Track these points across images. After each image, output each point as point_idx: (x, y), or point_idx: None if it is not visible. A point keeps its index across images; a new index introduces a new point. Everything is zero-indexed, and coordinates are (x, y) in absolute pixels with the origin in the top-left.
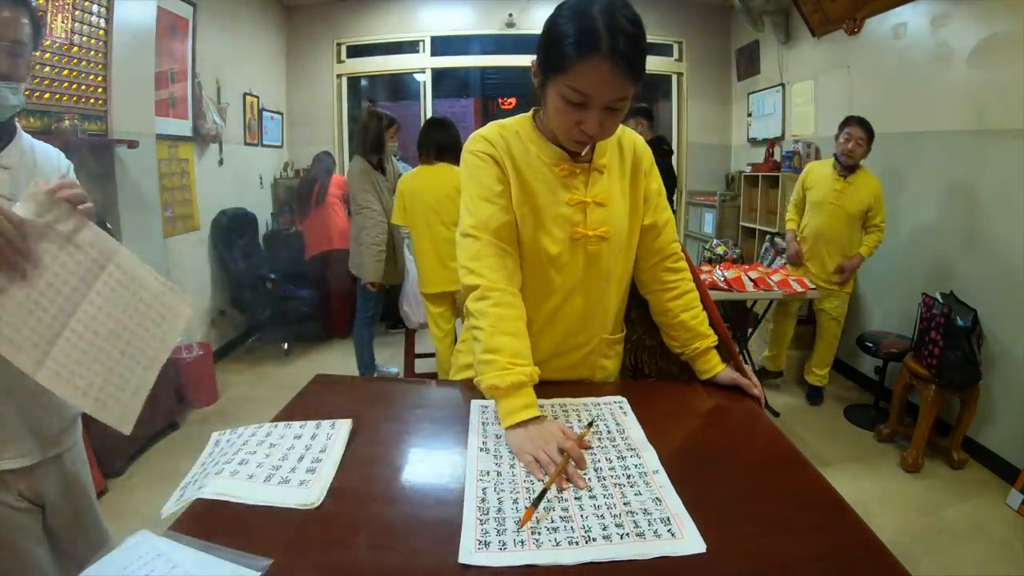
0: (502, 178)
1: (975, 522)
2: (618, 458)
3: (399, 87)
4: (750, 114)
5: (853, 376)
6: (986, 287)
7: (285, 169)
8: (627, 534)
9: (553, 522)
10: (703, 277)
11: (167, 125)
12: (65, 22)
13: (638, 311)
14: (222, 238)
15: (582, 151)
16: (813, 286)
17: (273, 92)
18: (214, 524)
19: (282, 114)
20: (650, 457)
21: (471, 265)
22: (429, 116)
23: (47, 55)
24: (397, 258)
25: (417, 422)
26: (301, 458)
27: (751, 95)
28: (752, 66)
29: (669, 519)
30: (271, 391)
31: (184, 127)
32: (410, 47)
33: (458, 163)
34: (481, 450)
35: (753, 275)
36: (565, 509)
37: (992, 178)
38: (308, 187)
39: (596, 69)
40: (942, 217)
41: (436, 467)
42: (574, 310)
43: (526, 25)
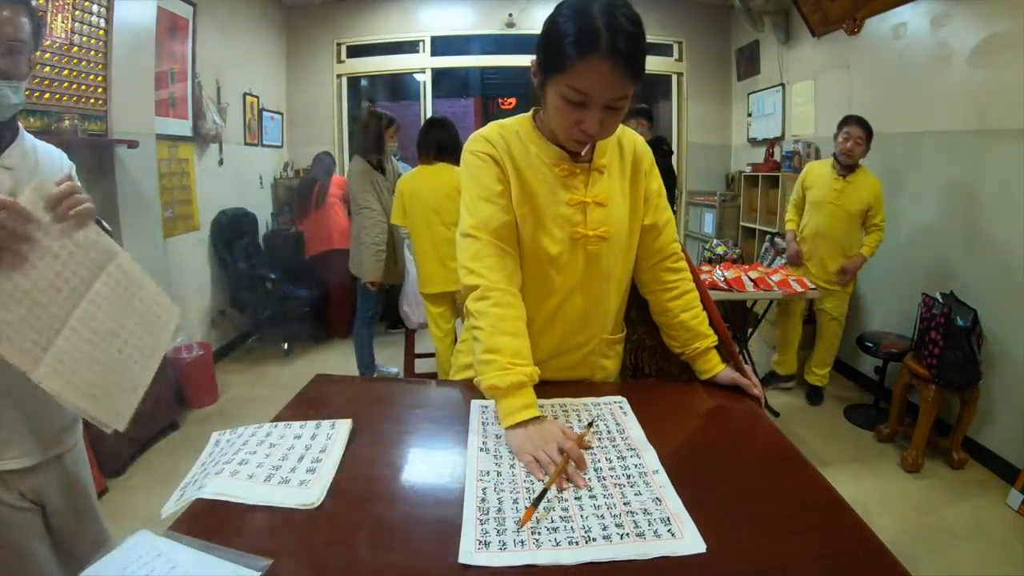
0: (502, 178)
1: (975, 522)
2: (618, 458)
3: (399, 87)
4: (750, 114)
5: (853, 376)
6: (986, 287)
7: (285, 169)
8: (627, 534)
9: (553, 522)
10: (703, 277)
11: (167, 125)
12: (65, 22)
13: (638, 311)
14: (222, 238)
15: (582, 151)
16: (813, 286)
17: (273, 92)
18: (214, 524)
19: (282, 114)
20: (650, 457)
21: (471, 265)
22: (429, 116)
23: (47, 55)
24: (397, 258)
25: (417, 422)
26: (301, 458)
27: (751, 95)
28: (752, 66)
29: (669, 519)
30: (271, 391)
31: (184, 127)
32: (410, 47)
33: (458, 163)
34: (481, 450)
35: (753, 275)
36: (565, 509)
37: (992, 178)
38: (308, 187)
39: (596, 68)
40: (942, 217)
41: (436, 467)
42: (574, 310)
43: (526, 25)
